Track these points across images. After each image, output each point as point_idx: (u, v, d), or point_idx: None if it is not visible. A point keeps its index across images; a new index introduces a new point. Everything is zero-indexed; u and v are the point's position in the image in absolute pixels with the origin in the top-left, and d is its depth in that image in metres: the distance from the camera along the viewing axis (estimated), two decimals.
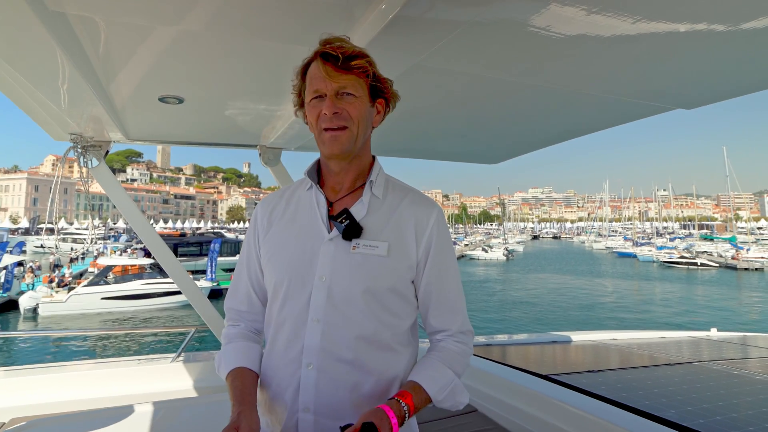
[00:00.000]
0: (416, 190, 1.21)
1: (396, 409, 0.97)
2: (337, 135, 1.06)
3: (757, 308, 23.19)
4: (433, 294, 1.15)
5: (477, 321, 18.43)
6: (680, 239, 66.01)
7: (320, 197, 1.15)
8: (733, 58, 1.55)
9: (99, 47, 1.43)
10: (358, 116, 1.07)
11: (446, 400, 1.08)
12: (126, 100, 1.95)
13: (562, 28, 1.33)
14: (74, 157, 2.45)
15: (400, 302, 1.11)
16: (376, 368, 1.08)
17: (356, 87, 1.05)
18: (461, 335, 1.17)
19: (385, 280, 1.08)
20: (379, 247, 1.08)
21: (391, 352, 1.10)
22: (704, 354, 3.17)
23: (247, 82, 1.80)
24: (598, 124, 2.46)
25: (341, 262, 1.08)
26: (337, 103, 1.05)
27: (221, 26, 1.32)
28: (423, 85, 1.81)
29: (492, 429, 2.08)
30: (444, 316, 1.16)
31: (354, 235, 1.08)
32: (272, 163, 2.83)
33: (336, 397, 1.06)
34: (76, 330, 17.72)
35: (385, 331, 1.08)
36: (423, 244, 1.12)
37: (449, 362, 1.11)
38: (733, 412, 1.81)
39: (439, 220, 1.16)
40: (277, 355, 1.12)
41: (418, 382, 1.06)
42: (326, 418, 1.05)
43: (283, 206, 1.21)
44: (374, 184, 1.15)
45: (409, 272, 1.12)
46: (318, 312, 1.07)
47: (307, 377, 1.06)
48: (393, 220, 1.12)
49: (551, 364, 2.88)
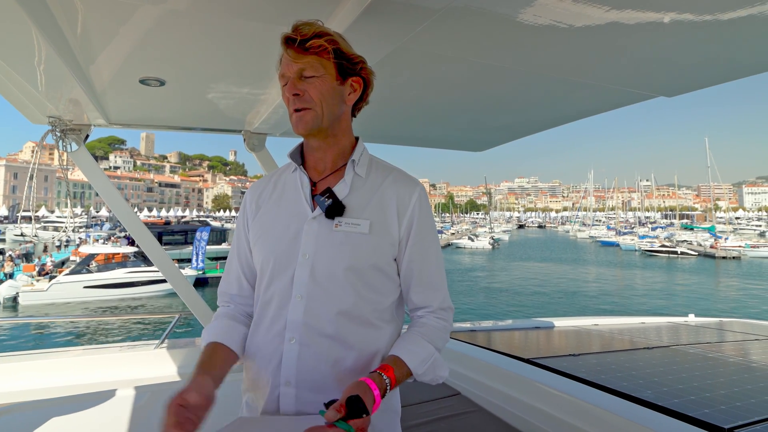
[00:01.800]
0: (400, 169, 1.22)
1: (378, 382, 0.98)
2: (302, 115, 1.09)
3: (733, 295, 23.84)
4: (414, 271, 1.17)
5: (463, 308, 18.66)
6: (662, 229, 67.25)
7: (304, 178, 1.18)
8: (714, 45, 1.57)
9: (77, 26, 1.40)
10: (320, 96, 1.08)
11: (426, 374, 1.10)
12: (106, 81, 1.90)
13: (545, 14, 1.33)
14: (53, 142, 2.39)
15: (382, 279, 1.13)
16: (357, 343, 1.10)
17: (317, 67, 1.06)
18: (442, 311, 1.19)
19: (367, 258, 1.10)
20: (361, 224, 1.10)
21: (373, 328, 1.12)
22: (682, 338, 3.26)
23: (229, 65, 1.78)
24: (582, 111, 2.48)
25: (324, 239, 1.10)
26: (299, 85, 1.07)
27: (203, 6, 1.30)
28: (406, 69, 1.81)
29: (475, 411, 2.12)
30: (425, 293, 1.18)
31: (336, 213, 1.10)
32: (257, 149, 2.80)
33: (317, 370, 1.07)
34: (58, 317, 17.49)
35: (366, 307, 1.11)
36: (405, 222, 1.14)
37: (430, 337, 1.13)
38: (707, 392, 1.87)
39: (421, 199, 1.17)
40: (261, 332, 1.14)
41: (399, 356, 1.07)
42: (308, 392, 1.07)
43: (270, 190, 1.24)
44: (357, 163, 1.17)
45: (391, 250, 1.14)
46: (301, 288, 1.09)
47: (289, 351, 1.08)
48: (375, 198, 1.14)
49: (534, 348, 2.93)
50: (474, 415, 2.08)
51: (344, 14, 1.30)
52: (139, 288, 19.96)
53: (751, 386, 1.97)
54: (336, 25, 1.34)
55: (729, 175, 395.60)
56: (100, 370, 2.67)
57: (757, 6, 1.29)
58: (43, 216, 58.22)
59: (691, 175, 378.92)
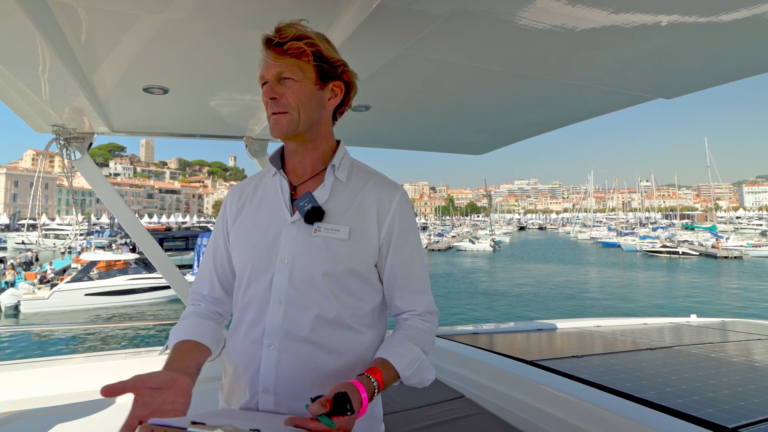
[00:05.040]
0: (381, 174, 1.21)
1: (366, 385, 0.97)
2: (278, 118, 1.08)
3: (736, 295, 23.79)
4: (397, 276, 1.16)
5: (464, 310, 18.61)
6: (662, 229, 67.10)
7: (284, 182, 1.17)
8: (712, 47, 1.59)
9: (81, 35, 1.41)
10: (297, 101, 1.07)
11: (414, 377, 1.09)
12: (110, 90, 1.92)
13: (545, 18, 1.35)
14: (56, 151, 2.41)
15: (361, 285, 1.12)
16: (337, 347, 1.08)
17: (295, 71, 1.05)
18: (427, 314, 1.18)
19: (345, 263, 1.08)
20: (341, 230, 1.09)
21: (353, 332, 1.11)
22: (684, 339, 3.26)
23: (232, 72, 1.79)
24: (581, 114, 2.50)
25: (303, 245, 1.09)
26: (277, 88, 1.06)
27: (206, 14, 1.32)
28: (408, 75, 1.82)
29: (479, 413, 2.12)
30: (410, 297, 1.17)
31: (316, 218, 1.09)
32: (259, 155, 2.82)
33: (296, 376, 1.06)
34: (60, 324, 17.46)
35: (345, 313, 1.09)
36: (385, 227, 1.13)
37: (416, 339, 1.12)
38: (710, 392, 1.87)
39: (402, 203, 1.16)
40: (239, 338, 1.12)
41: (386, 359, 1.06)
42: (287, 398, 1.06)
43: (251, 193, 1.23)
44: (337, 168, 1.16)
45: (372, 255, 1.12)
46: (280, 294, 1.08)
47: (267, 357, 1.07)
48: (355, 203, 1.13)
49: (537, 350, 2.94)
50: (478, 418, 2.09)
51: (347, 22, 1.31)
52: (141, 295, 19.93)
53: (754, 386, 1.97)
54: (338, 32, 1.36)
55: (729, 174, 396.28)
56: (104, 377, 2.66)
57: (755, 8, 1.30)
58: (44, 224, 58.23)
59: (691, 175, 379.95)
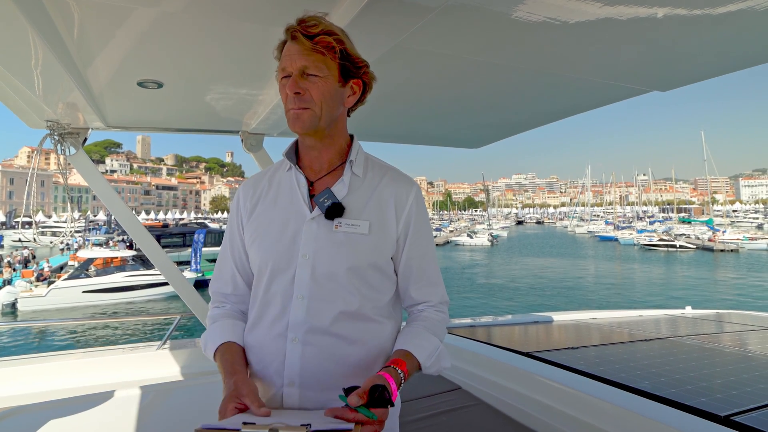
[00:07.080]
0: (395, 168, 1.23)
1: (395, 377, 1.00)
2: (299, 113, 1.08)
3: (731, 287, 23.93)
4: (413, 269, 1.19)
5: (463, 303, 18.66)
6: (659, 222, 67.38)
7: (300, 177, 1.17)
8: (707, 39, 1.59)
9: (74, 29, 1.41)
10: (321, 97, 1.07)
11: (433, 366, 1.12)
12: (104, 84, 1.91)
13: (540, 10, 1.35)
14: (51, 147, 2.40)
15: (380, 277, 1.15)
16: (360, 339, 1.11)
17: (321, 67, 1.05)
18: (441, 305, 1.22)
19: (367, 258, 1.11)
20: (361, 225, 1.11)
21: (374, 323, 1.13)
22: (679, 330, 3.28)
23: (227, 66, 1.79)
24: (577, 107, 2.50)
25: (324, 240, 1.10)
26: (301, 83, 1.05)
27: (200, 7, 1.31)
28: (404, 67, 1.82)
29: (476, 405, 2.14)
30: (425, 289, 1.20)
31: (336, 214, 1.10)
32: (255, 150, 2.82)
33: (321, 368, 1.08)
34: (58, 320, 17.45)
35: (367, 305, 1.12)
36: (402, 221, 1.16)
37: (433, 330, 1.16)
38: (703, 382, 1.89)
39: (417, 197, 1.20)
40: (261, 333, 1.13)
41: (408, 350, 1.09)
42: (312, 391, 1.08)
43: (265, 188, 1.23)
44: (354, 163, 1.17)
45: (390, 249, 1.15)
46: (303, 289, 1.09)
47: (292, 351, 1.08)
48: (374, 198, 1.15)
49: (533, 342, 2.96)
50: (475, 409, 2.10)
51: (341, 14, 1.31)
52: (139, 291, 19.90)
53: (747, 375, 1.99)
54: (335, 22, 1.35)
55: (725, 168, 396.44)
56: (102, 372, 2.69)
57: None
58: (41, 221, 57.99)
59: (687, 168, 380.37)
